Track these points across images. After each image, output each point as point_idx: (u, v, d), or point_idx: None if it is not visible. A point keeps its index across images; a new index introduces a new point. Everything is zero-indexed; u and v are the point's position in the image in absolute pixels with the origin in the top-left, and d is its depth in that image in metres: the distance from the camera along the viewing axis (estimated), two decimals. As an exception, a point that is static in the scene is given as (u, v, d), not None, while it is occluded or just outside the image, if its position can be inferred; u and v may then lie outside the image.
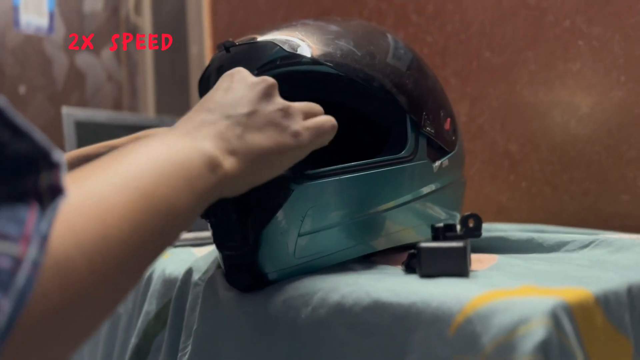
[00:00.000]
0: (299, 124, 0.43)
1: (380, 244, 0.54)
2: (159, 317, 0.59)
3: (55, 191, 0.26)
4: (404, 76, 0.55)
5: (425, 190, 0.56)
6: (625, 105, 0.82)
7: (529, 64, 0.91)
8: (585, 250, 0.60)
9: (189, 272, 0.57)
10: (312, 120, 0.45)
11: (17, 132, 0.25)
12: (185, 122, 0.40)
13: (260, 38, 0.53)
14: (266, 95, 0.43)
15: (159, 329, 0.59)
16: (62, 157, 0.26)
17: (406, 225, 0.56)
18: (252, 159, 0.40)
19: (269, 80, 0.44)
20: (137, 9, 1.66)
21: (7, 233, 0.23)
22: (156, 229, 0.31)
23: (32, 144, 0.25)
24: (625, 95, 0.82)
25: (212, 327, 0.50)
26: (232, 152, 0.39)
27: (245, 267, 0.48)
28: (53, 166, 0.26)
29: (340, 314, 0.42)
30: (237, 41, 0.53)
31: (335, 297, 0.43)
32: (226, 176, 0.38)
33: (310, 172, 0.48)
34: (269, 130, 0.42)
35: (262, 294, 0.47)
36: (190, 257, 0.62)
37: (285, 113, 0.43)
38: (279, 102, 0.43)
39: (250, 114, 0.41)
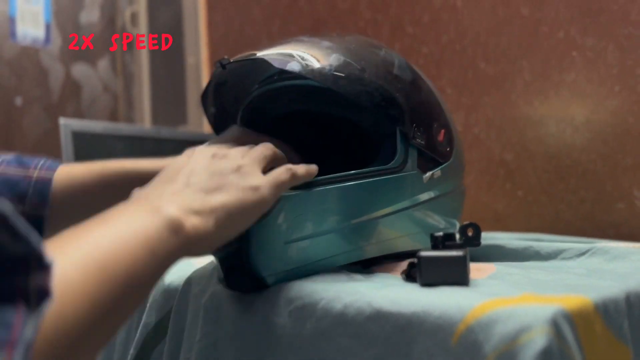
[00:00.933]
0: (257, 179, 0.45)
1: (373, 250, 0.55)
2: (158, 328, 0.59)
3: (43, 294, 0.27)
4: (394, 90, 0.56)
5: (416, 200, 0.57)
6: (620, 114, 0.83)
7: (524, 73, 0.92)
8: (582, 258, 0.60)
9: (188, 283, 0.57)
10: (271, 174, 0.47)
11: (16, 235, 0.26)
12: (147, 194, 0.41)
13: (259, 54, 0.54)
14: (220, 157, 0.46)
15: (158, 340, 0.58)
16: (54, 261, 0.27)
17: (399, 233, 0.57)
18: (216, 218, 0.41)
19: (220, 145, 0.48)
20: (134, 19, 1.67)
21: None
22: (116, 299, 0.31)
23: (28, 246, 0.26)
24: (619, 104, 0.83)
25: (215, 339, 0.50)
26: (195, 213, 0.40)
27: (240, 269, 0.49)
28: (44, 269, 0.27)
29: (343, 324, 0.42)
30: (233, 59, 0.55)
31: (337, 306, 0.43)
32: (190, 237, 0.38)
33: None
34: (229, 189, 0.43)
35: (265, 306, 0.48)
36: (189, 267, 0.62)
37: (240, 171, 0.45)
38: (233, 162, 0.46)
39: (209, 178, 0.43)
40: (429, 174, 0.58)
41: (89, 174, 0.62)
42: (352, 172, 0.53)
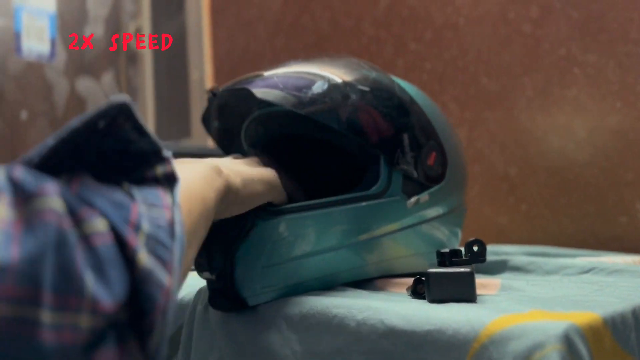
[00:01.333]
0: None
1: (353, 275, 0.56)
2: (170, 343, 0.59)
3: (170, 178, 0.34)
4: (378, 115, 0.56)
5: (401, 224, 0.57)
6: (621, 130, 0.84)
7: (526, 90, 0.93)
8: (586, 276, 0.61)
9: (198, 297, 0.58)
10: None
11: (141, 132, 0.33)
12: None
13: (245, 84, 0.56)
14: None
15: (171, 355, 0.59)
16: (170, 153, 0.35)
17: (386, 257, 0.57)
18: (242, 177, 0.48)
19: None
20: (138, 34, 1.69)
21: (154, 203, 0.32)
22: (202, 211, 0.40)
23: (150, 142, 0.33)
24: (620, 120, 0.84)
25: (225, 354, 0.51)
26: (226, 167, 0.47)
27: (222, 291, 0.50)
28: (165, 160, 0.34)
29: (357, 341, 0.43)
30: (222, 87, 0.58)
31: (351, 324, 0.43)
32: (229, 182, 0.45)
33: (273, 208, 0.51)
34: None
35: (278, 322, 0.48)
36: (201, 282, 0.63)
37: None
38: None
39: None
40: (414, 199, 0.57)
41: None
42: (333, 198, 0.53)
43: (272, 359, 0.47)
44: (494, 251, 0.78)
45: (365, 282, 0.57)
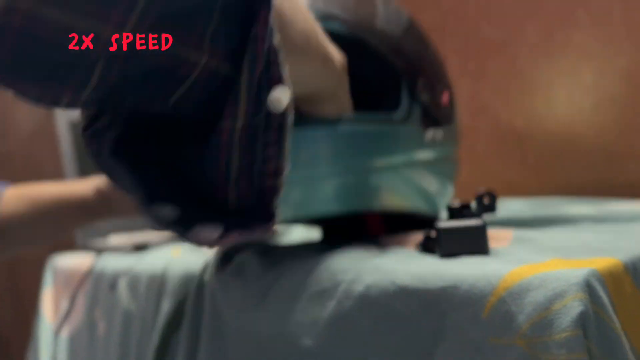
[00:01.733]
0: None
1: (357, 203, 0.53)
2: (176, 316, 0.58)
3: None
4: (400, 41, 0.55)
5: (414, 157, 0.55)
6: (629, 73, 0.82)
7: (529, 36, 0.90)
8: (601, 224, 0.59)
9: (205, 269, 0.56)
10: None
11: None
12: None
13: None
14: None
15: (174, 328, 0.58)
16: None
17: (391, 190, 0.55)
18: None
19: None
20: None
21: None
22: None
23: None
24: (628, 63, 0.81)
25: (241, 328, 0.49)
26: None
27: None
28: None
29: (367, 305, 0.41)
30: None
31: (359, 288, 0.41)
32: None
33: None
34: None
35: (282, 291, 0.46)
36: (203, 255, 0.62)
37: None
38: None
39: None
40: (431, 132, 0.56)
41: (17, 202, 0.61)
42: (350, 115, 0.51)
43: (279, 329, 0.45)
44: (502, 207, 0.77)
45: (370, 241, 0.55)
